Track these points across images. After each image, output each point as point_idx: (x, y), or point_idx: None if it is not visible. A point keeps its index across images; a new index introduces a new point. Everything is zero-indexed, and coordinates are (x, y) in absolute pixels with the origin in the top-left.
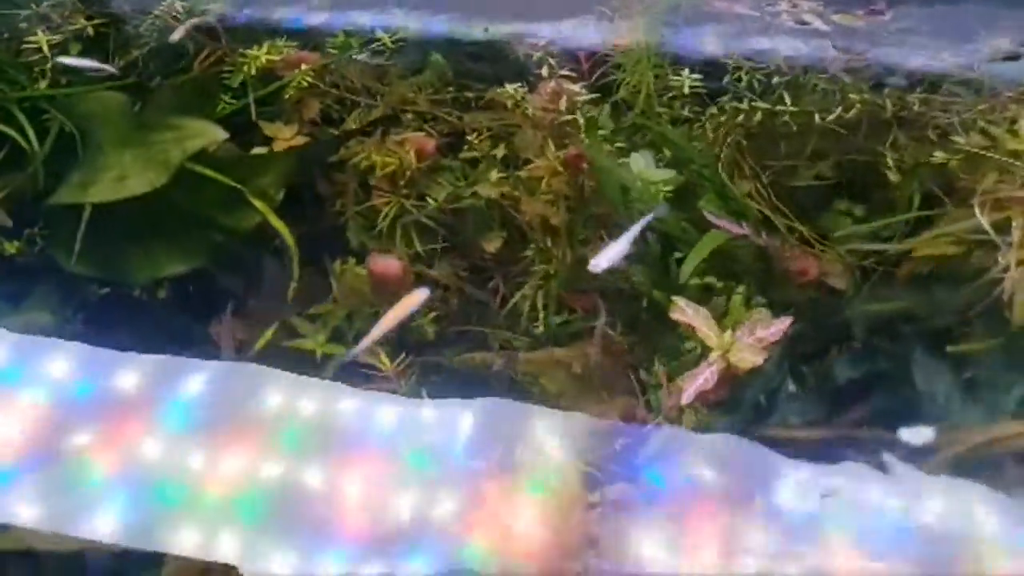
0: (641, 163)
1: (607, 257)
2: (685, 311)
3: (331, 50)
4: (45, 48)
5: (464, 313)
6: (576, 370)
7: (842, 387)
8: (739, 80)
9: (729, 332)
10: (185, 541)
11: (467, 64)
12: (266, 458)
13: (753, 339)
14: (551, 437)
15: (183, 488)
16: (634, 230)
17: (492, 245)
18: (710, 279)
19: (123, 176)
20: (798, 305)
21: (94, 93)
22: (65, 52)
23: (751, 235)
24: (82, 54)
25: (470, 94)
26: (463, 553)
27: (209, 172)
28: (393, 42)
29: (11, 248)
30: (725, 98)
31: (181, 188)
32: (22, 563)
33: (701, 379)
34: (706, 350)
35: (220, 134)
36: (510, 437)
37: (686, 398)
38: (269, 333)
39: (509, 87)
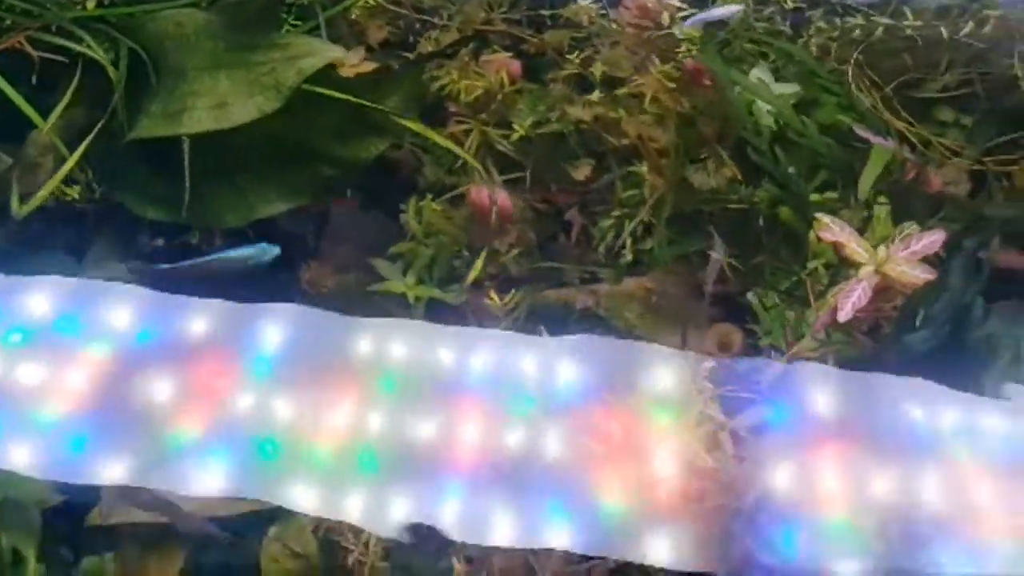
0: (762, 77)
1: None
2: (832, 228)
3: None
4: None
5: (544, 246)
6: (656, 299)
7: None
8: None
9: (882, 247)
10: (300, 498)
11: None
12: (369, 407)
13: (908, 254)
14: (666, 370)
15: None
16: None
17: (581, 172)
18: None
19: (222, 103)
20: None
21: (164, 12)
22: None
23: (896, 149)
24: None
25: (544, 12)
26: (594, 493)
27: (336, 94)
28: None
29: (72, 193)
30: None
31: (283, 116)
32: None
33: (855, 295)
34: (834, 269)
35: (335, 51)
36: (618, 372)
37: (843, 315)
38: None
39: (583, 2)
